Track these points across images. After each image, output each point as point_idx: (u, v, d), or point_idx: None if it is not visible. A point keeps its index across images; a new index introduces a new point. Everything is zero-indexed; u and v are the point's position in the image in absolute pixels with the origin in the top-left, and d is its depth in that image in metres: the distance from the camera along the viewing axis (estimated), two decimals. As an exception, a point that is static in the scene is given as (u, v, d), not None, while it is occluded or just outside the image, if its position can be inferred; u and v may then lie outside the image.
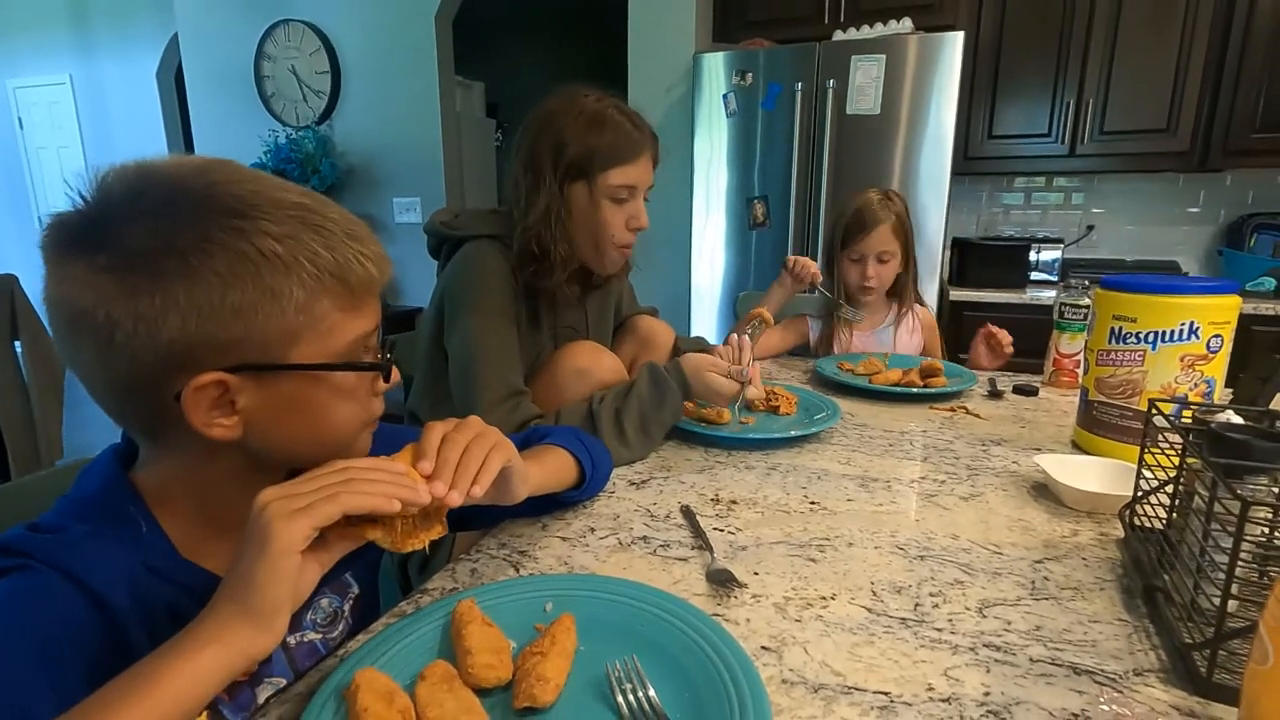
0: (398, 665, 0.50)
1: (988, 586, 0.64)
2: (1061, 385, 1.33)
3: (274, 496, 0.45)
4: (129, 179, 0.48)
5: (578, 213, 1.06)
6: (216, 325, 0.46)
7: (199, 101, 3.80)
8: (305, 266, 0.48)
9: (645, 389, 0.98)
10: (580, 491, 0.78)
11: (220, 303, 0.46)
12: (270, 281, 0.47)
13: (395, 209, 3.49)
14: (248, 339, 0.47)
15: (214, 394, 0.48)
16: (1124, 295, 0.93)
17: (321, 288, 0.49)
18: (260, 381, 0.49)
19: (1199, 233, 2.84)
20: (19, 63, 5.07)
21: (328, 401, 0.52)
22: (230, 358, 0.47)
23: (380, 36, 3.32)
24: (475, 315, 1.03)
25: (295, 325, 0.49)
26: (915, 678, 0.51)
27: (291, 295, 0.48)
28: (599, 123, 1.04)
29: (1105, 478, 0.83)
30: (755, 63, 2.53)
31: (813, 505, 0.81)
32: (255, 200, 0.48)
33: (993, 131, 2.74)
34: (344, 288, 0.50)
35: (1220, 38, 2.42)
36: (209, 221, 0.46)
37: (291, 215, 0.49)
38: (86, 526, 0.50)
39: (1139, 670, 0.52)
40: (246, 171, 0.51)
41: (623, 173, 1.05)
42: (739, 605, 0.61)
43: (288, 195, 0.50)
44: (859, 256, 1.56)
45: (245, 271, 0.46)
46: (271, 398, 0.50)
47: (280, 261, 0.47)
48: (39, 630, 0.44)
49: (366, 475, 0.48)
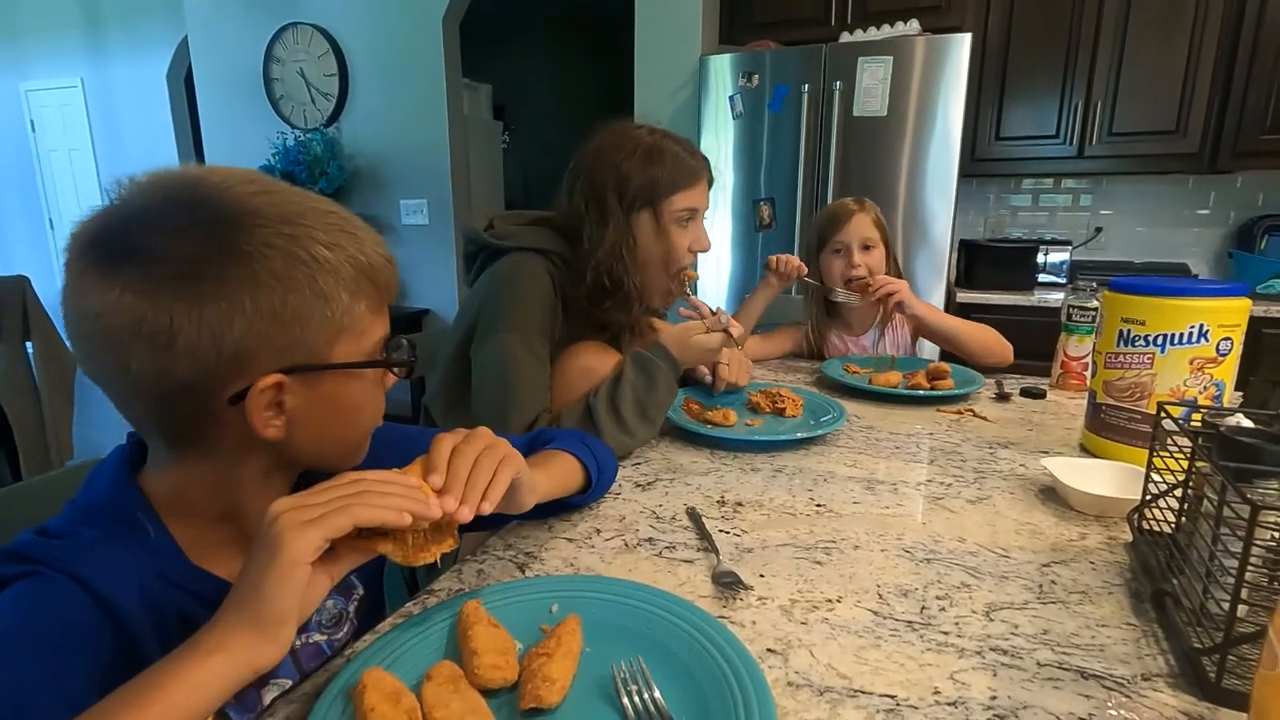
0: (404, 666, 0.50)
1: (995, 590, 0.63)
2: (1069, 388, 1.32)
3: (286, 507, 0.45)
4: (171, 191, 0.48)
5: (645, 241, 1.10)
6: (276, 328, 0.48)
7: (208, 104, 3.83)
8: (347, 270, 0.51)
9: (633, 374, 1.00)
10: (586, 495, 0.79)
11: (281, 306, 0.48)
12: (321, 285, 0.49)
13: (402, 210, 3.51)
14: (302, 341, 0.49)
15: (271, 395, 0.50)
16: (1133, 297, 0.92)
17: (360, 290, 0.52)
18: (307, 381, 0.51)
19: (1209, 235, 2.83)
20: (31, 66, 5.12)
21: (358, 398, 0.55)
22: (285, 359, 0.49)
23: (388, 39, 3.34)
24: (514, 333, 1.03)
25: (339, 326, 0.51)
26: (921, 681, 0.51)
27: (338, 298, 0.51)
28: (658, 154, 1.08)
29: (1113, 481, 0.82)
30: (762, 64, 2.53)
31: (819, 508, 0.81)
32: (298, 209, 0.50)
33: (1000, 133, 2.73)
34: (375, 289, 0.54)
35: (1230, 38, 2.41)
36: (265, 228, 0.48)
37: (330, 223, 0.51)
38: (95, 532, 0.50)
39: (1147, 675, 0.52)
40: (276, 182, 0.53)
41: (686, 197, 1.10)
42: (745, 607, 0.61)
43: (320, 204, 0.53)
44: (840, 247, 1.55)
45: (301, 275, 0.48)
46: (314, 397, 0.52)
47: (329, 265, 0.50)
48: (48, 636, 0.45)
49: (379, 488, 0.48)
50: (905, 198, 2.43)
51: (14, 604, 0.45)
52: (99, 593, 0.47)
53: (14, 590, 0.46)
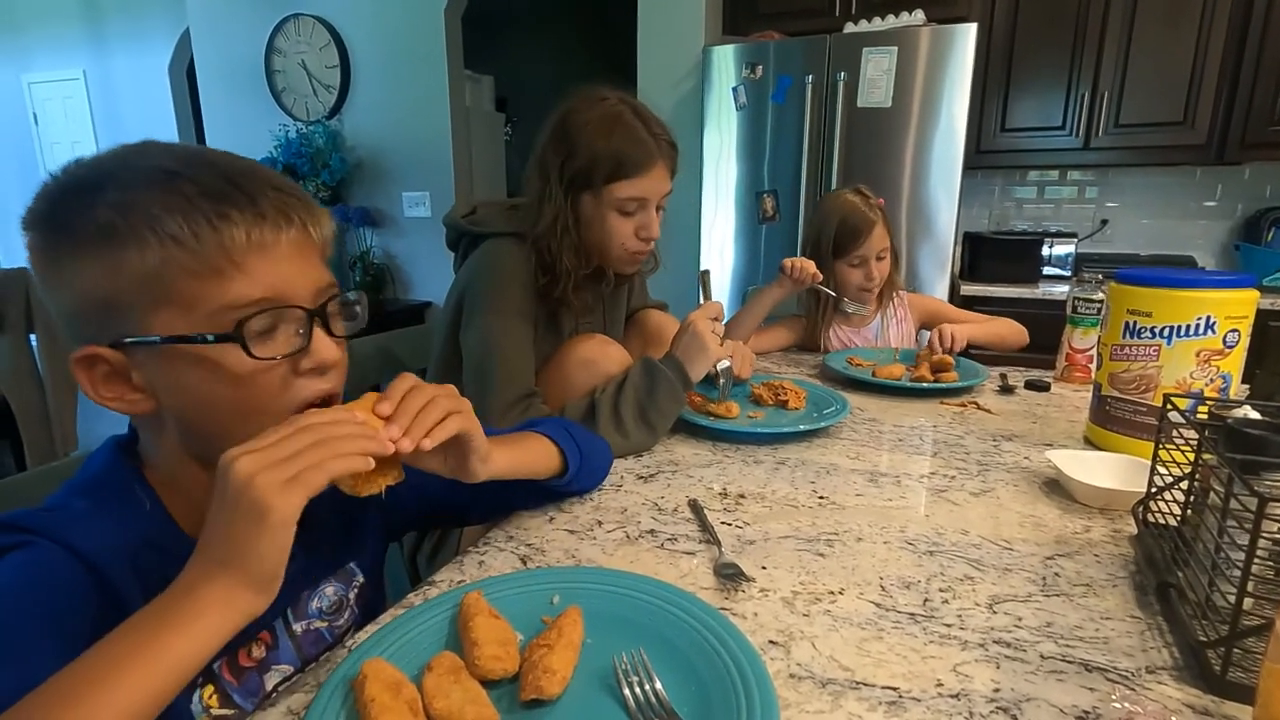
0: (405, 656, 0.50)
1: (998, 582, 0.63)
2: (1074, 380, 1.31)
3: (258, 467, 0.43)
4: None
5: (585, 221, 1.06)
6: (79, 301, 0.48)
7: (210, 96, 3.82)
8: (145, 234, 0.46)
9: (639, 378, 0.98)
10: (568, 481, 0.76)
11: (74, 279, 0.48)
12: (109, 254, 0.47)
13: (405, 203, 3.50)
14: (111, 314, 0.48)
15: (104, 369, 0.49)
16: (1138, 289, 0.92)
17: (167, 254, 0.47)
18: (140, 357, 0.49)
19: (1216, 227, 2.81)
20: (33, 58, 5.11)
21: (205, 383, 0.50)
22: (104, 334, 0.48)
23: (390, 31, 3.32)
24: (493, 315, 1.03)
25: (145, 298, 0.48)
26: (924, 673, 0.51)
27: (132, 266, 0.47)
28: (608, 130, 1.01)
29: (1118, 474, 0.82)
30: (765, 55, 2.51)
31: (821, 500, 0.81)
32: (111, 169, 0.49)
33: (1006, 124, 2.71)
34: (190, 254, 0.47)
35: (1239, 29, 2.38)
36: (69, 199, 0.48)
37: (144, 179, 0.48)
38: (87, 503, 0.51)
39: (1152, 668, 0.51)
40: (155, 146, 0.51)
41: (630, 185, 1.03)
42: (746, 599, 0.61)
43: (152, 159, 0.49)
44: (859, 261, 1.56)
45: (92, 244, 0.47)
46: (159, 374, 0.50)
47: (116, 232, 0.46)
48: (46, 604, 0.45)
49: (337, 432, 0.47)
50: (909, 190, 2.41)
51: (9, 573, 0.46)
52: (89, 559, 0.48)
53: (8, 560, 0.46)
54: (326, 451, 0.45)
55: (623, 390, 0.97)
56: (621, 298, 1.30)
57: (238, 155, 0.53)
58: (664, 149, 1.05)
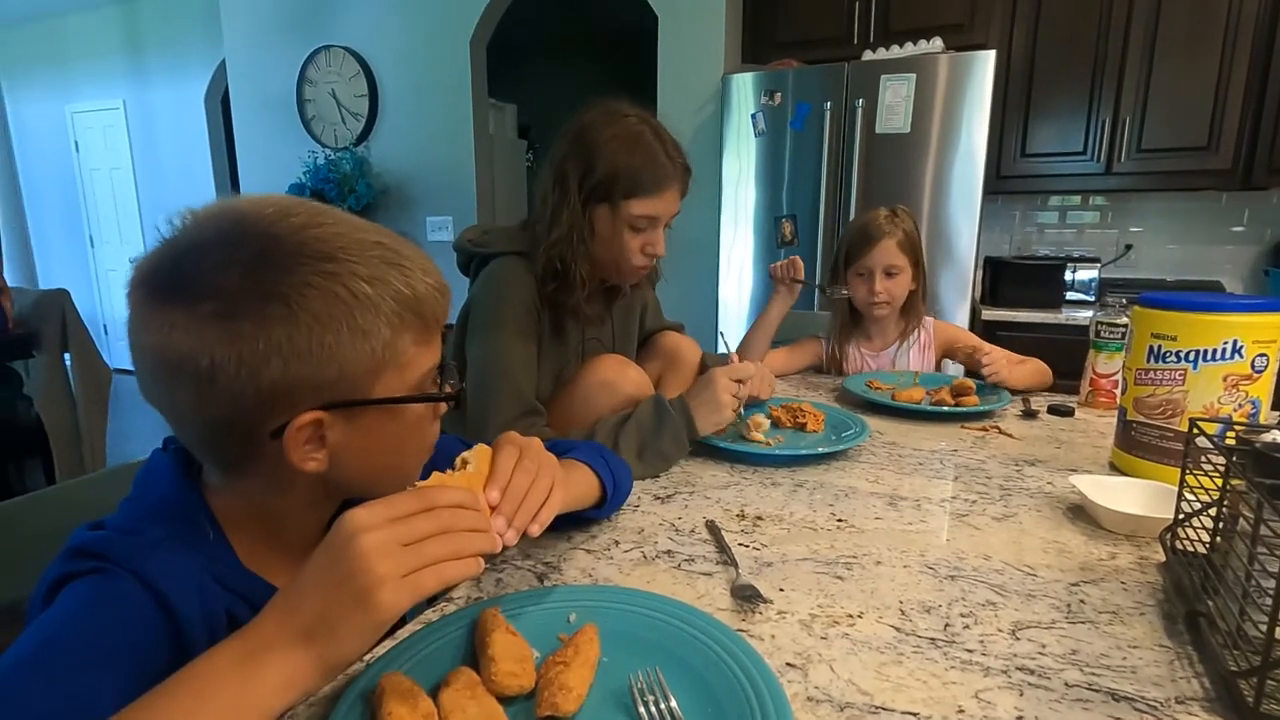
0: (422, 671, 0.50)
1: (1021, 608, 0.62)
2: (1099, 406, 1.29)
3: (381, 548, 0.44)
4: (221, 225, 0.49)
5: (599, 233, 1.08)
6: (313, 367, 0.48)
7: (243, 124, 3.95)
8: (390, 304, 0.51)
9: (647, 416, 0.98)
10: (599, 511, 0.78)
11: (318, 345, 0.48)
12: (361, 321, 0.49)
13: (428, 227, 3.57)
14: (341, 377, 0.49)
15: (310, 431, 0.50)
16: (1163, 313, 0.91)
17: (403, 324, 0.51)
18: (348, 416, 0.51)
19: (1244, 252, 2.76)
20: (76, 89, 5.33)
21: (403, 432, 0.55)
22: (324, 395, 0.50)
23: (417, 61, 3.42)
24: (494, 333, 1.05)
25: (381, 361, 0.51)
26: (945, 699, 0.50)
27: (379, 333, 0.50)
28: (630, 147, 1.03)
29: (1144, 500, 0.80)
30: (784, 83, 2.54)
31: (840, 523, 0.80)
32: (342, 243, 0.50)
33: (1026, 150, 2.70)
34: (420, 322, 0.53)
35: (1263, 52, 2.37)
36: (305, 267, 0.48)
37: (375, 255, 0.51)
38: (161, 530, 0.51)
39: (1181, 698, 0.50)
40: (326, 212, 0.53)
41: (645, 204, 1.05)
42: (764, 621, 0.60)
43: (368, 235, 0.52)
44: (864, 271, 1.55)
45: (339, 313, 0.48)
46: (355, 432, 0.52)
47: (370, 302, 0.50)
48: (111, 640, 0.45)
49: (459, 523, 0.48)
50: (929, 215, 2.41)
51: (81, 602, 0.46)
52: (162, 593, 0.48)
53: (80, 586, 0.47)
54: (446, 549, 0.46)
55: (626, 424, 0.97)
56: (634, 314, 1.31)
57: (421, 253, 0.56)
58: (679, 172, 1.08)
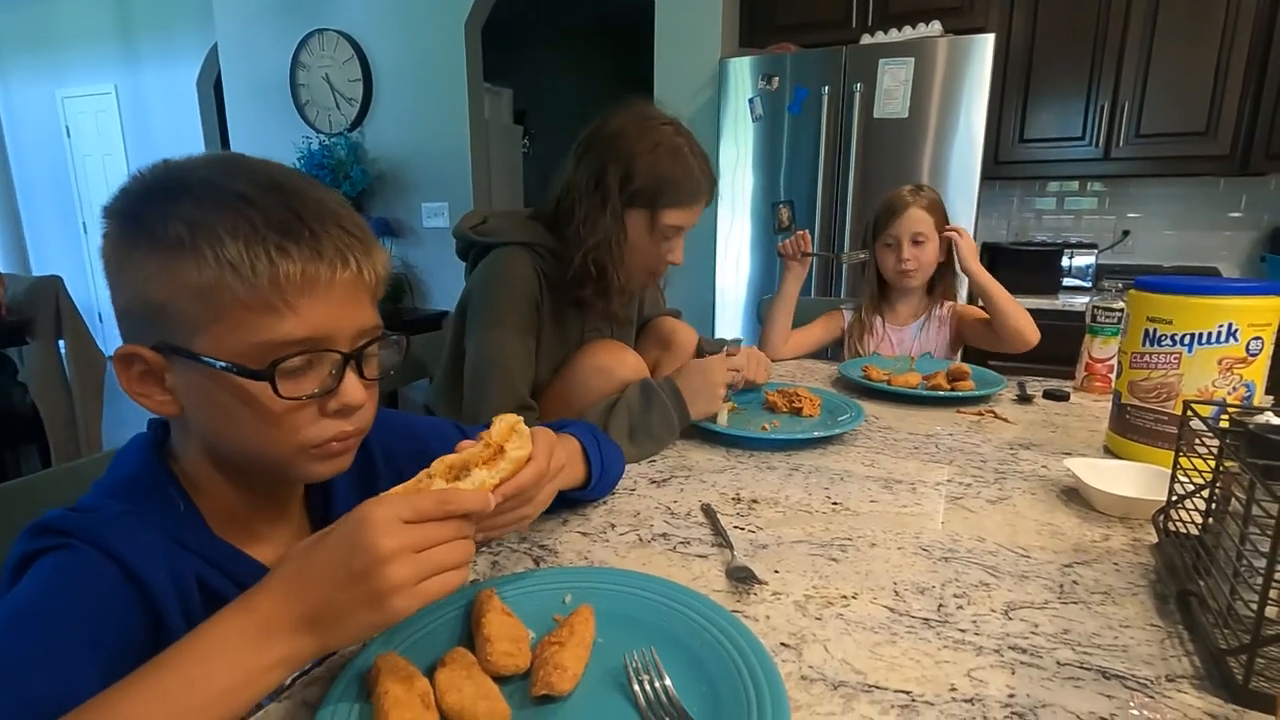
0: (418, 651, 0.50)
1: (1014, 589, 0.62)
2: (1094, 390, 1.30)
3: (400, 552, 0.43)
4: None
5: (634, 238, 1.09)
6: (135, 298, 0.49)
7: (236, 109, 3.91)
8: (205, 253, 0.47)
9: (634, 398, 0.99)
10: (585, 492, 0.77)
11: (136, 276, 0.49)
12: (170, 264, 0.48)
13: (424, 213, 3.55)
14: (160, 318, 0.49)
15: (140, 367, 0.51)
16: (1159, 296, 0.91)
17: (223, 278, 0.47)
18: (176, 365, 0.50)
19: (1241, 238, 2.76)
20: (68, 74, 5.27)
21: (231, 405, 0.50)
22: (151, 334, 0.50)
23: (411, 45, 3.38)
24: (493, 326, 1.05)
25: (194, 313, 0.48)
26: (938, 678, 0.50)
27: (190, 280, 0.47)
28: (671, 158, 1.06)
29: (1138, 482, 0.81)
30: (781, 67, 2.52)
31: (835, 505, 0.81)
32: (193, 181, 0.50)
33: (1024, 135, 2.69)
34: (244, 283, 0.47)
35: (1263, 37, 2.35)
36: (149, 200, 0.49)
37: (216, 200, 0.48)
38: (123, 505, 0.52)
39: (1172, 676, 0.51)
40: (243, 165, 0.52)
41: (679, 214, 1.08)
42: (759, 602, 0.60)
43: (233, 181, 0.49)
44: (892, 240, 1.58)
45: (158, 249, 0.48)
46: (191, 385, 0.51)
47: (181, 245, 0.47)
48: (83, 612, 0.45)
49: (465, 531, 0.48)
50: (926, 200, 2.40)
51: (47, 576, 0.46)
52: (127, 564, 0.48)
53: (47, 561, 0.47)
54: (456, 558, 0.46)
55: (615, 407, 0.98)
56: (632, 306, 1.31)
57: (318, 183, 0.54)
58: (709, 185, 1.12)
